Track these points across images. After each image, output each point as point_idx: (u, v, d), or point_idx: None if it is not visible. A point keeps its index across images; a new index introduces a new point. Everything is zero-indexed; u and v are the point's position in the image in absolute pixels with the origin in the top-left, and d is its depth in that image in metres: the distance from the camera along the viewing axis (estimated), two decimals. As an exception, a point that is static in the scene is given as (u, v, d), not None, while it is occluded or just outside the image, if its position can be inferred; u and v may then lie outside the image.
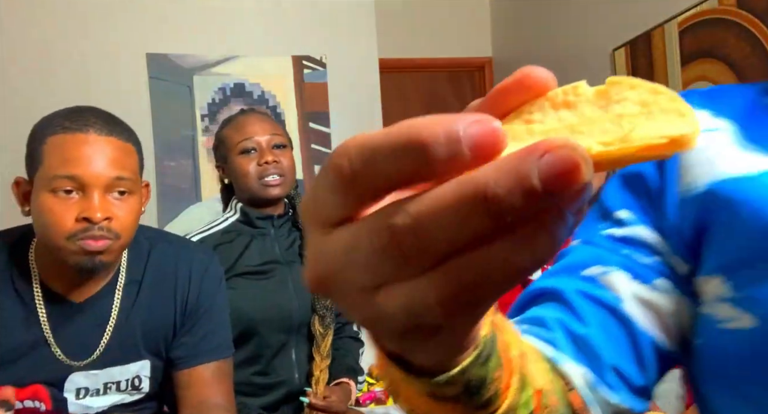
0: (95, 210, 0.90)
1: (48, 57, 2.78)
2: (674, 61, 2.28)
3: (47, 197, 0.91)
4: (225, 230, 1.41)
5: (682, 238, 0.49)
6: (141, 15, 2.90)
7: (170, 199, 2.89)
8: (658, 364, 0.49)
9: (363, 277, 0.20)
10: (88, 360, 1.01)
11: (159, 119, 2.88)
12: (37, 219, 0.93)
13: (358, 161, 0.19)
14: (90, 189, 0.91)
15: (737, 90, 0.54)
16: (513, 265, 0.19)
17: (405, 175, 0.19)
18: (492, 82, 3.91)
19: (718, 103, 0.53)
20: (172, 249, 1.12)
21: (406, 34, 3.70)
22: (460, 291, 0.19)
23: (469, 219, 0.18)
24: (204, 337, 1.09)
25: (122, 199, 0.95)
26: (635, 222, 0.52)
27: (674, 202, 0.50)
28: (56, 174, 0.91)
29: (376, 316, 0.21)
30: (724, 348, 0.46)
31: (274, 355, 1.39)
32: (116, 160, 0.94)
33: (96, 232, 0.91)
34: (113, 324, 1.03)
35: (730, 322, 0.45)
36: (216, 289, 1.13)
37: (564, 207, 0.18)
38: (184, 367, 1.07)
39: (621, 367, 0.47)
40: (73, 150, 0.92)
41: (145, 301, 1.06)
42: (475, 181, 0.18)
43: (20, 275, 0.99)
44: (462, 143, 0.18)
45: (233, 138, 1.40)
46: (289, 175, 1.41)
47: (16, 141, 2.65)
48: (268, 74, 3.05)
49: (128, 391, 1.07)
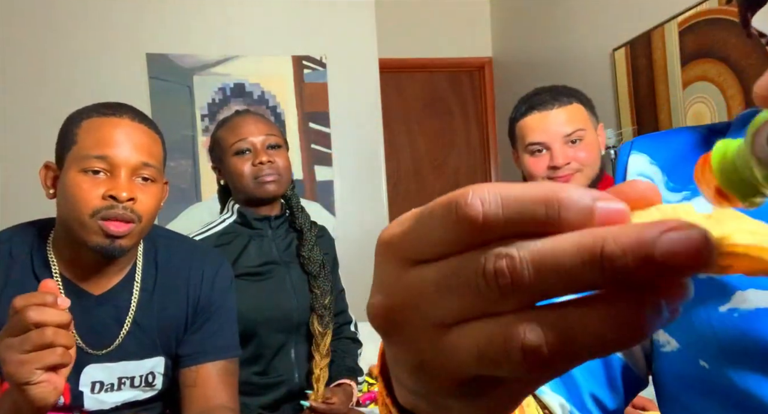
0: (122, 189, 0.94)
1: (48, 57, 2.78)
2: (674, 61, 2.28)
3: (77, 175, 0.95)
4: (222, 232, 1.41)
5: None
6: (141, 15, 2.90)
7: (170, 199, 2.87)
8: (628, 387, 0.54)
9: (444, 311, 0.20)
10: (105, 351, 1.03)
11: (159, 119, 2.86)
12: (64, 196, 0.97)
13: (495, 206, 0.20)
14: (118, 170, 0.96)
15: (681, 135, 0.58)
16: (597, 332, 0.19)
17: (532, 226, 0.20)
18: (492, 82, 3.91)
19: (656, 149, 0.58)
20: (185, 249, 1.14)
21: (406, 34, 3.70)
22: (555, 340, 0.19)
23: (581, 269, 0.19)
24: (212, 335, 1.11)
25: (146, 184, 0.99)
26: None
27: None
28: (89, 153, 0.95)
29: (442, 357, 0.21)
30: (663, 369, 0.53)
31: (273, 355, 1.39)
32: (145, 146, 0.99)
33: (120, 211, 0.95)
34: (131, 318, 1.05)
35: (665, 346, 0.52)
36: (227, 289, 1.15)
37: (666, 294, 0.19)
38: (191, 364, 1.08)
39: (597, 394, 0.51)
40: (107, 131, 0.97)
41: (160, 299, 1.08)
42: (596, 234, 0.19)
43: (41, 266, 1.01)
44: (594, 213, 0.19)
45: (228, 139, 1.41)
46: (285, 175, 1.41)
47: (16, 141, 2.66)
48: (268, 74, 3.05)
49: (141, 388, 1.08)
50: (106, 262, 1.02)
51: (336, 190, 3.14)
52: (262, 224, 1.43)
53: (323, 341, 1.40)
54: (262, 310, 1.36)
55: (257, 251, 1.41)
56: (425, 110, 3.90)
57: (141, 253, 1.09)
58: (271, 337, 1.38)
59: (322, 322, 1.41)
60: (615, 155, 2.57)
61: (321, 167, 3.12)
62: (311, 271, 1.43)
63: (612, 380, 0.52)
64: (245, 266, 1.37)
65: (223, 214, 1.47)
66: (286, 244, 1.46)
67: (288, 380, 1.40)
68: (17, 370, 0.71)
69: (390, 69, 3.60)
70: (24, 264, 1.01)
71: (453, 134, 3.95)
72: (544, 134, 1.35)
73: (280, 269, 1.42)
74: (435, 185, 3.91)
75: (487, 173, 3.96)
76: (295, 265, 1.45)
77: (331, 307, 1.44)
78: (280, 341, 1.40)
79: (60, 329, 0.73)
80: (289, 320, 1.40)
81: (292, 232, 1.49)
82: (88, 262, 1.01)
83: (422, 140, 3.89)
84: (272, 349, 1.39)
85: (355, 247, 3.16)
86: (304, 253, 1.44)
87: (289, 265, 1.44)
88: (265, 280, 1.39)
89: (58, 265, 1.02)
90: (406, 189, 3.85)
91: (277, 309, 1.38)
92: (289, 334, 1.41)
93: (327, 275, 1.45)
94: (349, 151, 3.17)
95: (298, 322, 1.41)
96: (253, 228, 1.43)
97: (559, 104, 1.36)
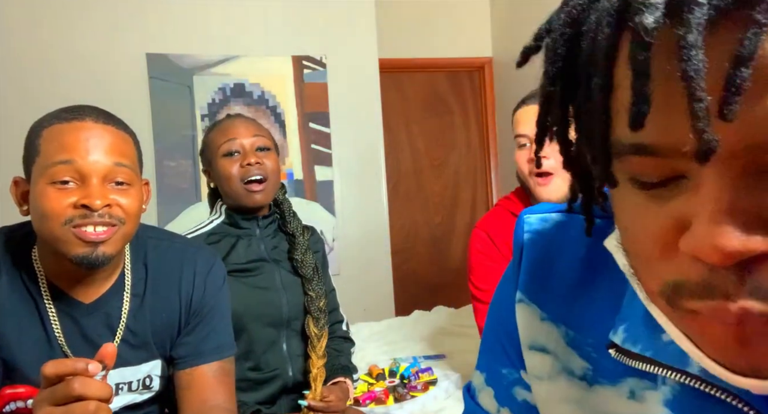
0: (95, 197, 0.87)
1: (48, 57, 2.78)
2: (674, 61, 2.27)
3: (45, 188, 0.88)
4: (210, 232, 1.42)
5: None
6: (141, 15, 2.90)
7: (170, 199, 2.89)
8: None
9: None
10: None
11: (159, 119, 2.88)
12: (35, 210, 0.90)
13: None
14: (88, 177, 0.89)
15: (564, 253, 0.51)
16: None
17: None
18: (492, 82, 3.92)
19: (540, 285, 0.52)
20: (176, 248, 1.11)
21: (406, 34, 3.70)
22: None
23: None
24: (206, 336, 1.09)
25: (122, 188, 0.92)
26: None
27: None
28: (53, 161, 0.88)
29: None
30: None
31: (265, 350, 1.40)
32: (114, 147, 0.91)
33: (96, 219, 0.88)
34: (123, 325, 1.02)
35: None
36: (219, 288, 1.13)
37: None
38: (186, 367, 1.07)
39: None
40: (69, 136, 0.89)
41: (151, 303, 1.05)
42: None
43: (29, 276, 0.98)
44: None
45: (217, 141, 1.41)
46: (273, 178, 1.41)
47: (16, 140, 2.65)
48: (268, 74, 3.05)
49: (139, 391, 1.07)
50: (93, 271, 0.96)
51: (336, 190, 3.15)
52: (250, 224, 1.44)
53: (319, 343, 1.41)
54: (250, 306, 1.36)
55: (245, 250, 1.41)
56: (425, 110, 3.90)
57: (129, 256, 1.05)
58: (262, 332, 1.39)
59: (318, 325, 1.42)
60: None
61: (321, 167, 3.12)
62: (305, 275, 1.44)
63: None
64: (233, 263, 1.38)
65: (211, 215, 1.47)
66: (274, 244, 1.47)
67: (282, 374, 1.41)
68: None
69: (390, 69, 3.60)
70: (11, 274, 0.97)
71: (453, 134, 3.95)
72: (527, 126, 1.36)
73: (269, 266, 1.43)
74: (435, 185, 3.91)
75: (487, 173, 3.96)
76: (285, 263, 1.45)
77: (325, 310, 1.44)
78: (270, 336, 1.41)
79: (102, 404, 0.72)
80: (278, 315, 1.41)
81: (279, 233, 1.49)
82: (75, 272, 0.96)
83: (422, 140, 3.89)
84: (263, 343, 1.40)
85: (355, 247, 3.16)
86: (296, 257, 1.44)
87: (279, 263, 1.45)
88: (254, 276, 1.40)
89: (46, 273, 0.98)
90: (406, 189, 3.85)
91: (266, 304, 1.39)
92: (279, 328, 1.42)
93: (320, 278, 1.46)
94: (349, 151, 3.17)
95: (288, 318, 1.42)
96: (241, 228, 1.43)
97: None
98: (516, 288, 0.52)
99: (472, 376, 0.61)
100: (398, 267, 3.48)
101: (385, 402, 1.52)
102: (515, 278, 0.53)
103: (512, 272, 0.54)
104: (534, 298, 0.51)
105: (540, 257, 0.51)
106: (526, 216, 0.54)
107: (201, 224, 1.44)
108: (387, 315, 2.92)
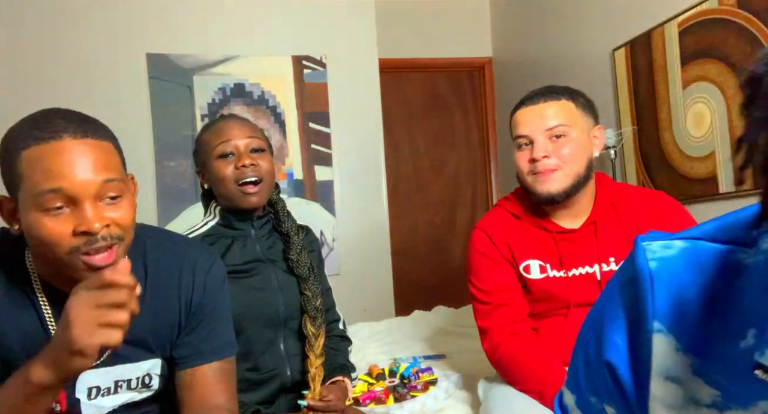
0: (92, 221, 0.87)
1: (48, 57, 2.78)
2: (674, 61, 2.28)
3: (38, 216, 0.87)
4: (205, 234, 1.41)
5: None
6: (141, 15, 2.90)
7: (170, 199, 2.89)
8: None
9: None
10: (98, 360, 1.00)
11: (159, 119, 2.88)
12: (32, 238, 0.89)
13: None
14: (81, 201, 0.87)
15: (702, 272, 0.51)
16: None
17: None
18: (492, 82, 3.92)
19: (678, 313, 0.52)
20: (175, 248, 1.10)
21: (406, 34, 3.71)
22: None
23: None
24: (207, 336, 1.09)
25: (115, 201, 0.91)
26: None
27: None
28: (42, 189, 0.86)
29: None
30: None
31: (263, 350, 1.40)
32: (98, 162, 0.89)
33: (100, 243, 0.88)
34: None
35: None
36: (219, 288, 1.12)
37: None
38: (187, 367, 1.07)
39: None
40: (52, 161, 0.86)
41: (151, 301, 1.05)
42: None
43: (24, 277, 0.97)
44: None
45: (211, 142, 1.40)
46: (267, 179, 1.40)
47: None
48: (268, 74, 3.05)
49: (138, 389, 1.06)
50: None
51: (336, 190, 3.15)
52: (244, 225, 1.44)
53: (317, 342, 1.40)
54: (247, 306, 1.36)
55: (241, 251, 1.41)
56: (425, 110, 3.90)
57: (128, 256, 1.03)
58: (259, 332, 1.39)
59: (315, 324, 1.42)
60: (615, 155, 2.57)
61: (321, 167, 3.12)
62: (301, 275, 1.43)
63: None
64: (229, 265, 1.37)
65: (205, 216, 1.47)
66: (269, 245, 1.46)
67: (280, 374, 1.41)
68: (85, 321, 0.80)
69: (390, 69, 3.60)
70: (7, 275, 0.97)
71: (453, 134, 3.95)
72: (527, 127, 1.36)
73: (265, 267, 1.42)
74: (435, 185, 3.91)
75: (487, 173, 3.96)
76: (281, 263, 1.45)
77: (322, 309, 1.44)
78: (268, 336, 1.40)
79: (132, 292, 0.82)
80: (275, 315, 1.40)
81: (275, 233, 1.49)
82: (73, 277, 0.95)
83: (422, 140, 3.89)
84: (261, 344, 1.40)
85: (355, 247, 3.16)
86: (292, 257, 1.44)
87: (275, 264, 1.44)
88: (250, 277, 1.40)
89: (41, 274, 0.97)
90: (406, 189, 3.85)
91: (262, 304, 1.39)
92: (276, 328, 1.41)
93: (316, 277, 1.46)
94: (349, 151, 3.17)
95: (285, 318, 1.42)
96: (235, 229, 1.43)
97: (546, 99, 1.36)
98: (647, 317, 0.51)
99: (562, 390, 0.64)
100: (398, 267, 3.48)
101: (385, 402, 1.53)
102: (636, 306, 0.52)
103: (627, 297, 0.53)
104: (672, 328, 0.50)
105: (675, 286, 0.50)
106: (645, 243, 0.52)
107: (195, 226, 1.44)
108: (387, 315, 2.91)
